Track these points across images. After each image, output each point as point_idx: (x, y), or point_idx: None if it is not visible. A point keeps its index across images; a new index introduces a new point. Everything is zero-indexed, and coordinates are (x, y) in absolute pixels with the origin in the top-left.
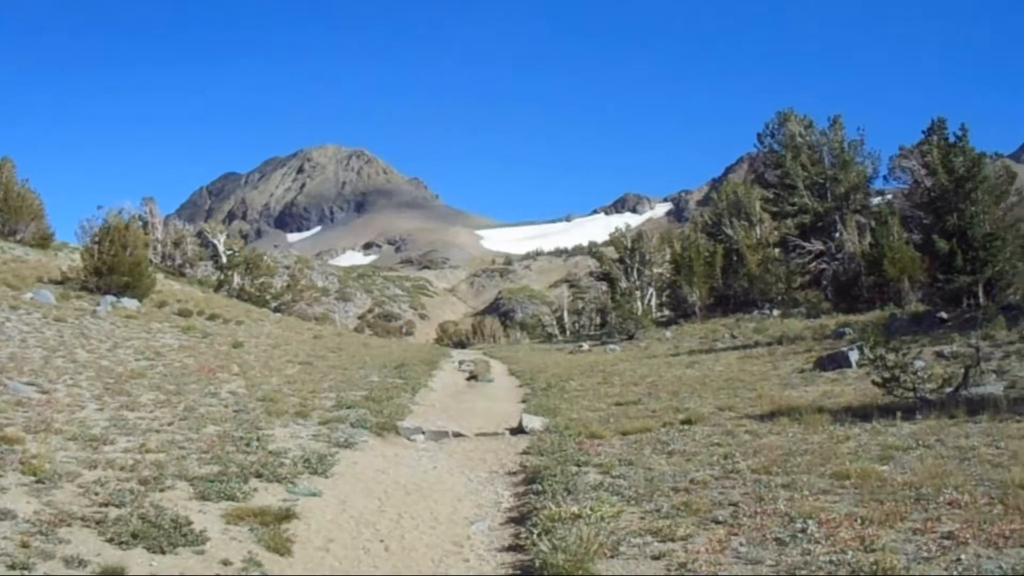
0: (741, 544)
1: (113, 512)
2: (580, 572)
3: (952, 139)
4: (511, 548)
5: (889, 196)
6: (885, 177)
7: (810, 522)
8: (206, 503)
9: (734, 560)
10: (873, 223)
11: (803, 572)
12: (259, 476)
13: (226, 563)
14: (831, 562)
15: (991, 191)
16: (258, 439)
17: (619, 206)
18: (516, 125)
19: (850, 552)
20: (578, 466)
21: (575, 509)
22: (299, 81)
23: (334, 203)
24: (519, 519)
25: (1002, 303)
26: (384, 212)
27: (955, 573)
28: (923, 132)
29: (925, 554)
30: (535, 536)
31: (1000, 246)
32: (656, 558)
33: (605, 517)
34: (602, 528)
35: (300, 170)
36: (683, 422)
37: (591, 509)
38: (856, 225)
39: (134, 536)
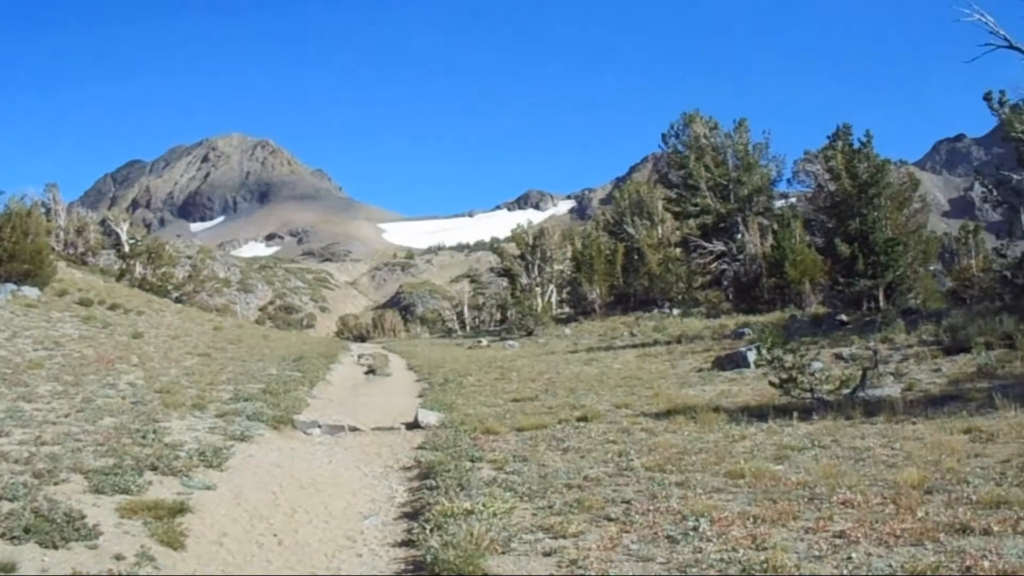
0: (633, 542)
1: (6, 506)
2: (470, 568)
3: (857, 145)
4: (404, 543)
5: (792, 199)
6: (789, 180)
7: (702, 520)
8: (100, 496)
9: (625, 558)
10: (775, 225)
11: (694, 570)
12: (154, 469)
13: (119, 558)
14: (722, 560)
15: (894, 197)
16: (154, 431)
17: (522, 202)
18: (421, 119)
19: (741, 550)
20: (472, 462)
21: (468, 505)
22: (206, 69)
23: (238, 193)
24: (412, 514)
25: (902, 307)
26: (287, 203)
27: (845, 572)
28: (828, 137)
29: (816, 553)
30: (427, 532)
31: (901, 251)
32: (547, 555)
33: (497, 513)
34: (494, 524)
35: (205, 159)
36: (579, 419)
37: (483, 505)
38: (758, 227)
39: (27, 531)
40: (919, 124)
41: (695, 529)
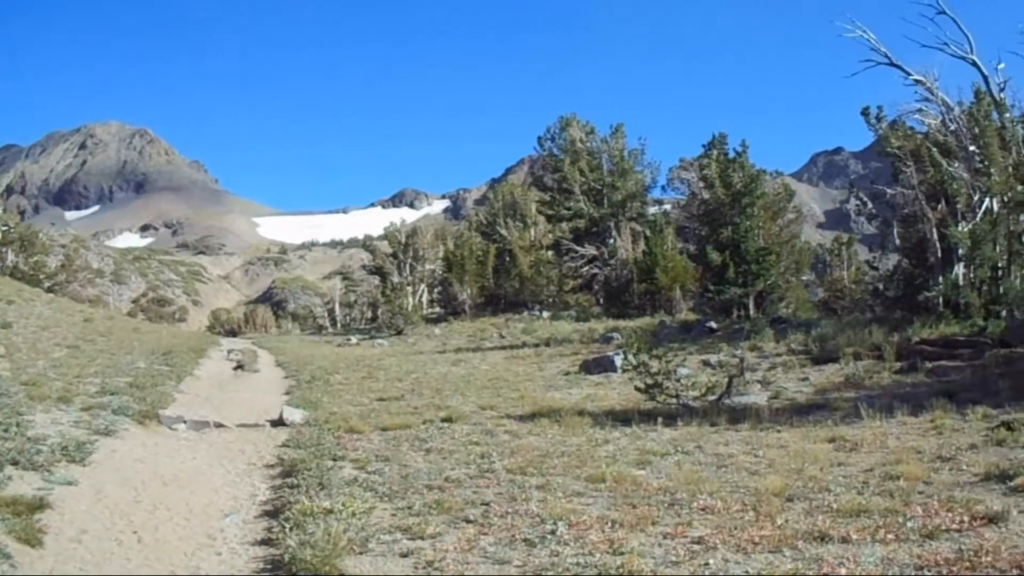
0: (490, 544)
1: None
2: (327, 568)
3: (732, 154)
4: (263, 542)
5: (667, 206)
6: (663, 187)
7: (560, 524)
8: None
9: (482, 560)
10: (648, 231)
11: (549, 573)
12: (15, 464)
13: None
14: (578, 564)
15: (768, 207)
16: (17, 425)
17: (397, 200)
18: (299, 114)
19: (598, 554)
20: (335, 460)
21: (327, 504)
22: (86, 55)
23: (114, 182)
24: (273, 512)
25: (772, 316)
26: (163, 194)
27: None
28: (704, 146)
29: (673, 558)
30: (285, 531)
31: (773, 261)
32: (404, 555)
33: (357, 513)
34: (352, 524)
35: (82, 146)
36: (444, 420)
37: (343, 504)
38: (631, 232)
39: None
40: (799, 136)
41: (553, 532)
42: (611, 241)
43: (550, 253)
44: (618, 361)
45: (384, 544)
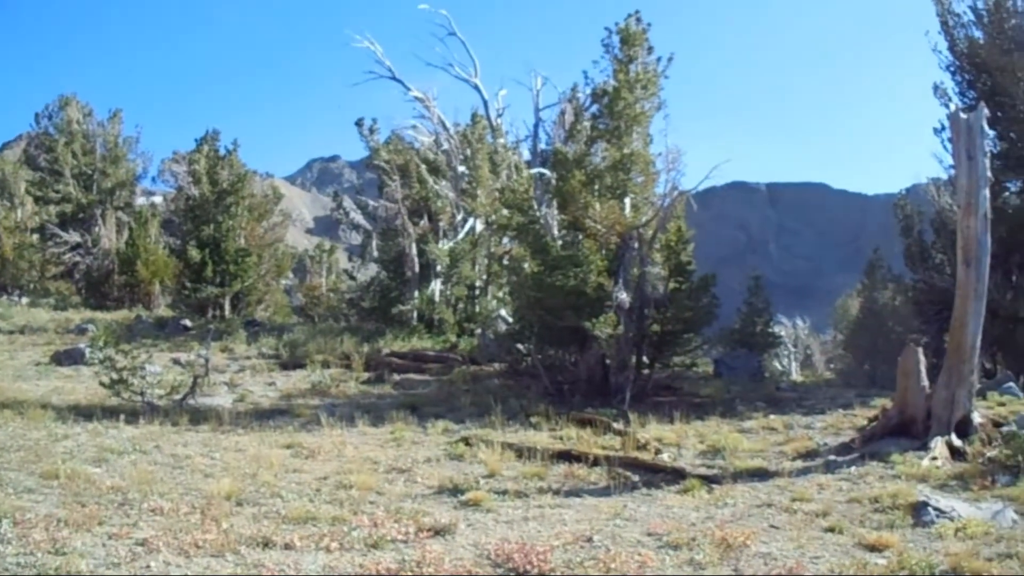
0: None
1: None
2: None
3: (224, 152)
4: None
5: (158, 198)
6: (154, 178)
7: (6, 522)
8: None
9: None
10: (133, 223)
11: None
12: None
13: None
14: (19, 564)
15: (254, 208)
16: None
17: None
18: None
19: (40, 554)
20: None
21: None
22: None
23: None
24: None
25: (247, 318)
26: None
27: None
28: (196, 141)
29: (115, 559)
30: None
31: (253, 262)
32: None
33: None
34: None
35: None
36: None
37: None
38: (117, 222)
39: None
40: (298, 140)
41: None
42: (96, 229)
43: (35, 237)
44: (89, 354)
45: None
